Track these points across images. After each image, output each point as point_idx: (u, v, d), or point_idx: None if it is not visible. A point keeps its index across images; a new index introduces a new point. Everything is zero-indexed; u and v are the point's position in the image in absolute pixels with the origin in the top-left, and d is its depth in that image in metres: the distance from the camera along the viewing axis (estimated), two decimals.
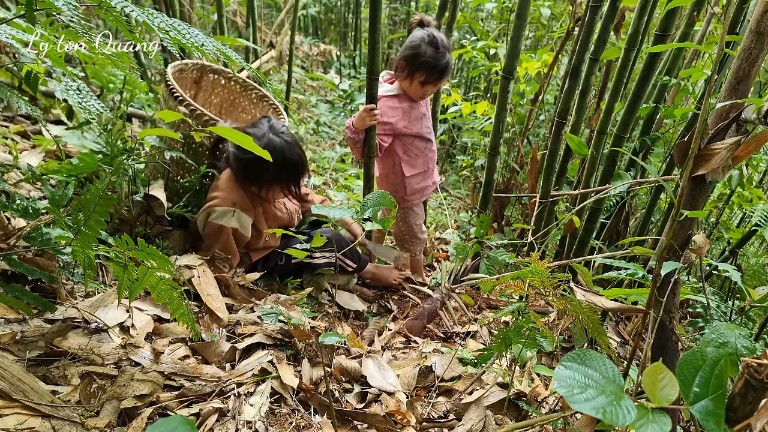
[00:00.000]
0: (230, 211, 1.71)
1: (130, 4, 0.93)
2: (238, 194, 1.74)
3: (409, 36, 1.93)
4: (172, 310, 1.21)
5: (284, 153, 1.68)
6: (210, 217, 1.71)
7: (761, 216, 2.34)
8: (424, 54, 1.86)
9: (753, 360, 0.64)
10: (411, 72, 1.90)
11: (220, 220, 1.70)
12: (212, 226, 1.71)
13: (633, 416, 0.58)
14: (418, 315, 1.91)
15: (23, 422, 0.98)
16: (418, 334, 1.85)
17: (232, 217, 1.71)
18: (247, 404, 1.22)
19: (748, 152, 0.92)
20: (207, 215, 1.73)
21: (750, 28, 0.89)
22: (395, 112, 1.98)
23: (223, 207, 1.71)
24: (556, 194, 2.27)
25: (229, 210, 1.71)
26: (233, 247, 1.77)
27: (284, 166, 1.70)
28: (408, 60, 1.89)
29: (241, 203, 1.75)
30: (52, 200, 1.30)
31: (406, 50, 1.89)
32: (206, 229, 1.74)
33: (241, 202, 1.75)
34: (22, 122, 2.34)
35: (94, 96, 1.35)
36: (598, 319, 1.12)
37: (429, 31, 1.90)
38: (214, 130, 1.10)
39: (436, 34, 1.89)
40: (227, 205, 1.71)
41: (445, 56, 1.90)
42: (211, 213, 1.71)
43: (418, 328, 1.87)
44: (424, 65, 1.87)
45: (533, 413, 1.39)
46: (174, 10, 3.21)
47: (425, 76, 1.90)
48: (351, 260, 1.99)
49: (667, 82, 2.11)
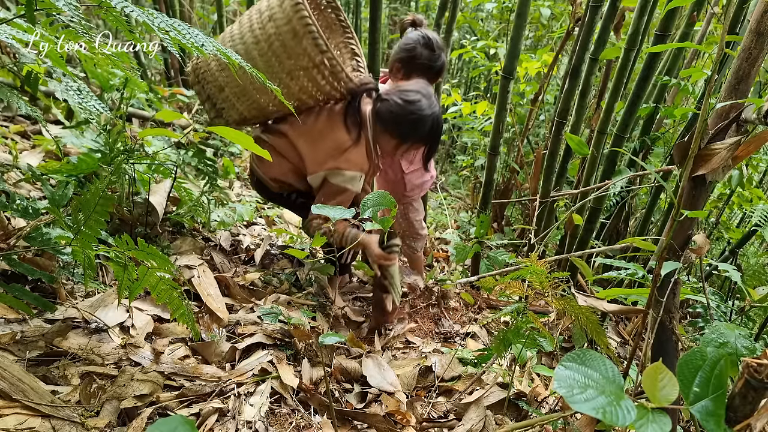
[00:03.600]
0: (358, 176, 1.67)
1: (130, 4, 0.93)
2: (365, 160, 1.69)
3: (403, 37, 1.92)
4: (172, 310, 1.21)
5: (441, 118, 1.68)
6: (336, 179, 1.65)
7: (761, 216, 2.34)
8: (420, 56, 1.85)
9: (753, 360, 0.64)
10: (406, 74, 1.90)
11: (348, 184, 1.65)
12: (337, 187, 1.66)
13: (633, 416, 0.58)
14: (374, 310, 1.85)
15: (23, 422, 0.98)
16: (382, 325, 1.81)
17: (357, 181, 1.67)
18: (247, 404, 1.22)
19: (748, 152, 0.92)
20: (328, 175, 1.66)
21: (750, 28, 0.89)
22: None
23: (352, 172, 1.65)
24: (556, 195, 2.27)
25: (357, 174, 1.66)
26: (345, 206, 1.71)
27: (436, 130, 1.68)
28: (403, 62, 1.88)
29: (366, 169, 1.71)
30: (52, 200, 1.30)
31: (401, 52, 1.88)
32: (326, 188, 1.68)
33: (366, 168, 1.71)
34: (22, 122, 2.34)
35: (94, 96, 1.35)
36: (597, 320, 1.12)
37: (423, 32, 1.89)
38: (214, 130, 1.10)
39: (431, 35, 1.88)
40: (355, 169, 1.66)
41: (440, 57, 1.90)
42: (338, 175, 1.65)
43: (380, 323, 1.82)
44: (419, 68, 1.87)
45: (533, 413, 1.39)
46: (174, 10, 3.21)
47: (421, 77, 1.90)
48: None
49: (667, 82, 2.11)
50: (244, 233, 2.27)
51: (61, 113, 2.31)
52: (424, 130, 1.63)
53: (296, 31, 1.50)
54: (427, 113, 1.61)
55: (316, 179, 1.69)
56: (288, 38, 1.51)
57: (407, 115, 1.61)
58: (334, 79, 1.60)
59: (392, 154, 1.75)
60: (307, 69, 1.55)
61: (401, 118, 1.62)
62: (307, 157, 1.67)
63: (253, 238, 2.25)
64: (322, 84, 1.60)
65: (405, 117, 1.62)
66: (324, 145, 1.66)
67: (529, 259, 1.14)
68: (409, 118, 1.61)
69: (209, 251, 1.91)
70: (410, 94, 1.62)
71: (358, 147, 1.66)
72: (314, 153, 1.66)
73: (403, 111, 1.61)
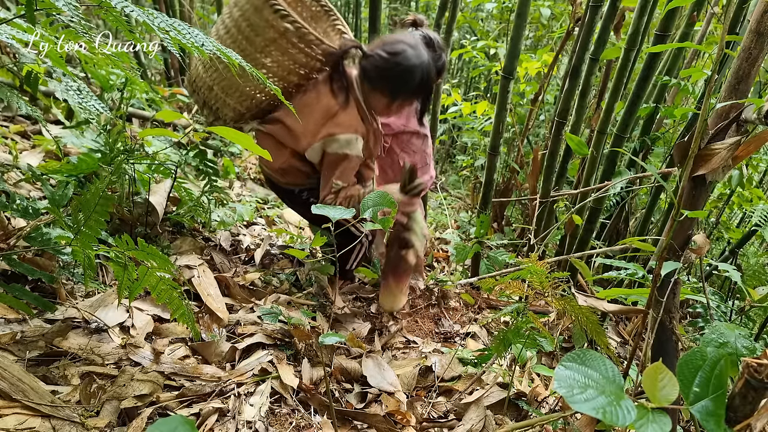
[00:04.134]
0: (354, 137, 1.58)
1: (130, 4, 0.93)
2: (359, 122, 1.61)
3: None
4: (172, 310, 1.21)
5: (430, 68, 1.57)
6: (332, 146, 1.58)
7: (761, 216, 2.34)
8: None
9: (753, 360, 0.64)
10: None
11: (345, 149, 1.58)
12: (336, 155, 1.59)
13: (633, 416, 0.58)
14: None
15: (23, 422, 0.98)
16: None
17: (355, 144, 1.59)
18: (247, 404, 1.22)
19: (748, 152, 0.92)
20: (324, 145, 1.60)
21: (750, 28, 0.89)
22: None
23: (346, 135, 1.58)
24: (556, 194, 2.27)
25: (353, 137, 1.58)
26: (351, 176, 1.65)
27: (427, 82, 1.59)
28: None
29: (362, 131, 1.62)
30: (52, 200, 1.30)
31: None
32: (326, 160, 1.61)
33: (362, 131, 1.62)
34: (22, 122, 2.34)
35: (94, 96, 1.35)
36: (596, 320, 1.12)
37: (424, 32, 1.89)
38: (214, 130, 1.10)
39: (432, 35, 1.88)
40: (349, 132, 1.58)
41: (441, 57, 1.90)
42: (333, 142, 1.58)
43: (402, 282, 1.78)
44: None
45: (533, 413, 1.39)
46: (174, 10, 3.21)
47: None
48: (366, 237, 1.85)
49: (667, 82, 2.11)
50: (244, 233, 2.27)
51: (61, 113, 2.31)
52: (414, 82, 1.55)
53: (256, 4, 1.49)
54: (414, 63, 1.53)
55: (313, 154, 1.63)
56: (251, 14, 1.50)
57: (393, 68, 1.53)
58: (305, 45, 1.54)
59: (386, 113, 1.68)
60: (275, 40, 1.52)
61: (388, 72, 1.54)
62: (300, 134, 1.62)
63: (253, 238, 2.25)
64: (295, 53, 1.55)
65: (391, 70, 1.54)
66: (313, 116, 1.60)
67: (529, 259, 1.14)
68: (395, 71, 1.54)
69: (209, 251, 1.91)
70: (394, 46, 1.55)
71: (347, 110, 1.59)
72: (306, 127, 1.60)
73: (389, 64, 1.54)
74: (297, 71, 1.60)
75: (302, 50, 1.55)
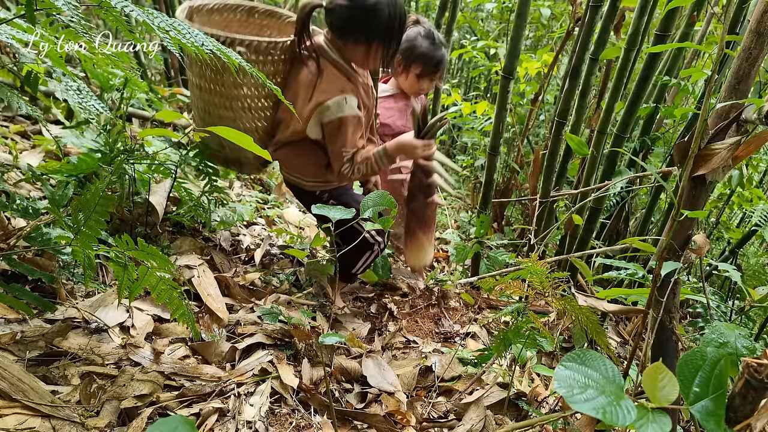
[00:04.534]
0: (342, 99, 1.51)
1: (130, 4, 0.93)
2: (344, 81, 1.54)
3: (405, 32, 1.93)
4: (172, 310, 1.21)
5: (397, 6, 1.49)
6: (326, 115, 1.52)
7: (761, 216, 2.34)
8: (420, 46, 1.88)
9: (753, 360, 0.64)
10: (407, 65, 1.92)
11: (339, 113, 1.51)
12: (332, 123, 1.53)
13: (633, 416, 0.58)
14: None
15: (23, 422, 0.98)
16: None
17: (346, 104, 1.52)
18: (247, 404, 1.22)
19: (748, 152, 0.92)
20: (319, 118, 1.54)
21: (750, 28, 0.89)
22: (391, 112, 1.99)
23: (334, 98, 1.51)
24: (556, 194, 2.27)
25: (341, 98, 1.51)
26: (357, 138, 1.59)
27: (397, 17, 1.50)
28: (404, 53, 1.90)
29: (350, 89, 1.54)
30: (52, 200, 1.30)
31: (402, 44, 1.88)
32: (326, 133, 1.56)
33: (350, 89, 1.54)
34: (22, 122, 2.34)
35: (94, 96, 1.35)
36: (597, 320, 1.12)
37: (425, 25, 1.92)
38: (214, 130, 1.10)
39: (433, 30, 1.91)
40: (336, 95, 1.51)
41: (440, 49, 1.91)
42: (324, 111, 1.52)
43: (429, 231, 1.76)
44: (420, 57, 1.89)
45: (533, 413, 1.39)
46: (174, 10, 3.21)
47: (421, 68, 1.91)
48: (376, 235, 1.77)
49: (667, 82, 2.11)
50: (244, 233, 2.27)
51: (61, 113, 2.31)
52: (383, 18, 1.47)
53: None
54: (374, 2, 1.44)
55: (313, 131, 1.58)
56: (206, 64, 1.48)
57: (357, 10, 1.46)
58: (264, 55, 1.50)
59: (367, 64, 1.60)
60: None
61: (353, 16, 1.47)
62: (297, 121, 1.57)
63: (253, 238, 2.25)
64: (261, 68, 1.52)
65: (356, 12, 1.46)
66: (299, 98, 1.56)
67: (529, 259, 1.14)
68: (360, 12, 1.46)
69: (209, 251, 1.91)
70: None
71: (326, 74, 1.53)
72: (299, 111, 1.54)
73: (351, 8, 1.47)
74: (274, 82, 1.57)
75: (265, 61, 1.52)
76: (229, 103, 1.56)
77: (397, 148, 1.61)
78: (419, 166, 1.69)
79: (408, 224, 1.80)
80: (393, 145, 1.61)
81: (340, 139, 1.55)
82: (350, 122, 1.54)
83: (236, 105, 1.56)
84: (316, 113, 1.54)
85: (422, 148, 1.61)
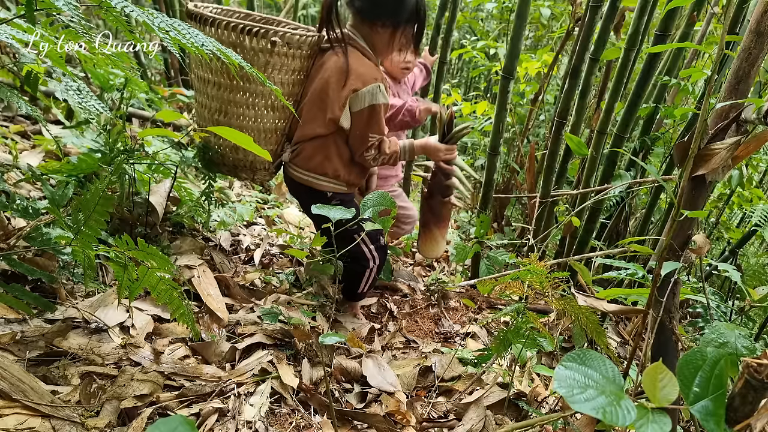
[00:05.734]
0: (376, 86, 1.50)
1: (130, 4, 0.93)
2: (375, 69, 1.54)
3: None
4: (172, 310, 1.21)
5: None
6: (358, 104, 1.51)
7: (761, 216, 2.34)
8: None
9: (753, 360, 0.64)
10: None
11: (371, 101, 1.51)
12: (362, 111, 1.52)
13: (633, 416, 0.58)
14: None
15: (23, 422, 0.98)
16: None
17: (380, 92, 1.52)
18: (247, 404, 1.22)
19: (748, 152, 0.92)
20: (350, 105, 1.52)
21: (750, 28, 0.89)
22: None
23: (369, 86, 1.50)
24: (556, 194, 2.27)
25: (375, 86, 1.50)
26: (384, 126, 1.59)
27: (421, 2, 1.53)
28: None
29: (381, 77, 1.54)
30: (52, 200, 1.30)
31: None
32: (356, 120, 1.54)
33: (381, 76, 1.54)
34: (22, 122, 2.34)
35: (94, 96, 1.35)
36: (596, 320, 1.12)
37: None
38: (214, 130, 1.10)
39: None
40: (371, 82, 1.50)
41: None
42: (356, 99, 1.51)
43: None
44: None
45: (533, 413, 1.39)
46: (174, 10, 3.21)
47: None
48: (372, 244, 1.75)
49: (667, 82, 2.11)
50: (244, 233, 2.27)
51: (61, 113, 2.31)
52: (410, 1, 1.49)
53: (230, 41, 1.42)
54: None
55: (346, 119, 1.55)
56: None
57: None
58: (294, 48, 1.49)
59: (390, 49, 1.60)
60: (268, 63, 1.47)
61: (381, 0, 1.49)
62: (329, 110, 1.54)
63: (253, 238, 2.25)
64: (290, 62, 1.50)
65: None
66: (329, 87, 1.53)
67: (529, 259, 1.14)
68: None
69: (209, 251, 1.91)
70: None
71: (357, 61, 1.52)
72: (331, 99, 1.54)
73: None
74: (298, 79, 1.56)
75: (294, 55, 1.50)
76: (252, 100, 1.52)
77: (422, 147, 1.71)
78: (440, 168, 1.79)
79: (424, 219, 1.94)
80: (420, 144, 1.70)
81: (370, 126, 1.55)
82: (382, 109, 1.56)
83: (260, 102, 1.52)
84: (350, 99, 1.52)
85: (445, 151, 1.71)
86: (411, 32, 1.57)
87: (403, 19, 1.52)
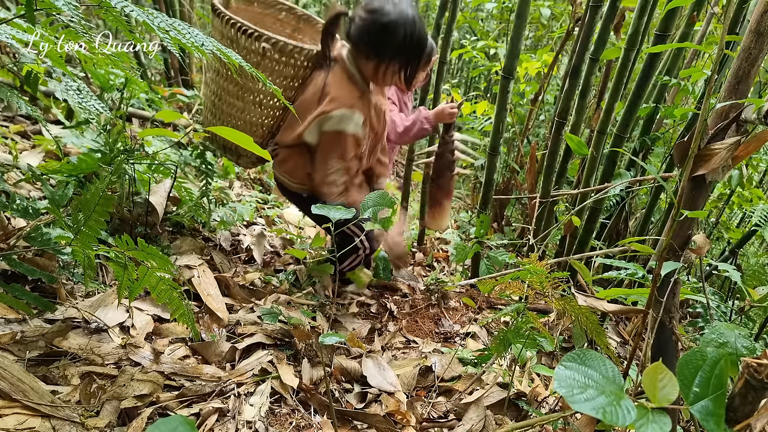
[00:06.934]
0: (348, 114, 1.51)
1: (130, 4, 0.93)
2: (354, 97, 1.54)
3: None
4: (172, 310, 1.21)
5: (416, 24, 1.46)
6: (327, 125, 1.52)
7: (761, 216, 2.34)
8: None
9: (753, 360, 0.64)
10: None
11: (340, 125, 1.51)
12: (330, 134, 1.53)
13: (633, 416, 0.58)
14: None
15: (23, 422, 0.98)
16: None
17: (352, 120, 1.52)
18: (247, 404, 1.22)
19: (748, 152, 0.92)
20: (320, 125, 1.53)
21: (750, 28, 0.89)
22: None
23: (340, 110, 1.50)
24: (556, 194, 2.27)
25: (348, 113, 1.50)
26: (347, 156, 1.59)
27: (413, 39, 1.48)
28: None
29: (359, 106, 1.54)
30: (52, 200, 1.30)
31: None
32: (321, 141, 1.55)
33: (359, 106, 1.54)
34: (22, 122, 2.34)
35: (94, 96, 1.35)
36: (596, 320, 1.12)
37: None
38: (214, 130, 1.10)
39: None
40: (343, 108, 1.50)
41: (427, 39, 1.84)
42: (326, 120, 1.51)
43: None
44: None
45: (533, 413, 1.39)
46: (174, 10, 3.21)
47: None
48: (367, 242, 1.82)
49: (667, 82, 2.11)
50: (244, 233, 2.27)
51: (61, 113, 2.31)
52: (397, 38, 1.46)
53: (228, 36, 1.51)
54: (392, 17, 1.44)
55: (310, 135, 1.56)
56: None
57: (371, 25, 1.45)
58: (287, 57, 1.51)
59: (378, 81, 1.59)
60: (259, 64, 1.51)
61: (368, 31, 1.46)
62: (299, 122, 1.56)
63: (253, 238, 2.25)
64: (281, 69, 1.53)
65: (370, 27, 1.45)
66: (305, 101, 1.56)
67: (529, 259, 1.14)
68: (374, 28, 1.45)
69: (209, 251, 1.91)
70: (372, 2, 1.46)
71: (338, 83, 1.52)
72: (302, 114, 1.56)
73: (366, 22, 1.45)
74: (291, 85, 1.60)
75: (287, 63, 1.53)
76: (241, 93, 1.59)
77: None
78: (446, 143, 1.96)
79: (434, 196, 2.10)
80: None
81: (332, 150, 1.56)
82: (348, 139, 1.55)
83: (248, 97, 1.59)
84: (318, 120, 1.54)
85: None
86: (397, 68, 1.54)
87: (386, 55, 1.51)
